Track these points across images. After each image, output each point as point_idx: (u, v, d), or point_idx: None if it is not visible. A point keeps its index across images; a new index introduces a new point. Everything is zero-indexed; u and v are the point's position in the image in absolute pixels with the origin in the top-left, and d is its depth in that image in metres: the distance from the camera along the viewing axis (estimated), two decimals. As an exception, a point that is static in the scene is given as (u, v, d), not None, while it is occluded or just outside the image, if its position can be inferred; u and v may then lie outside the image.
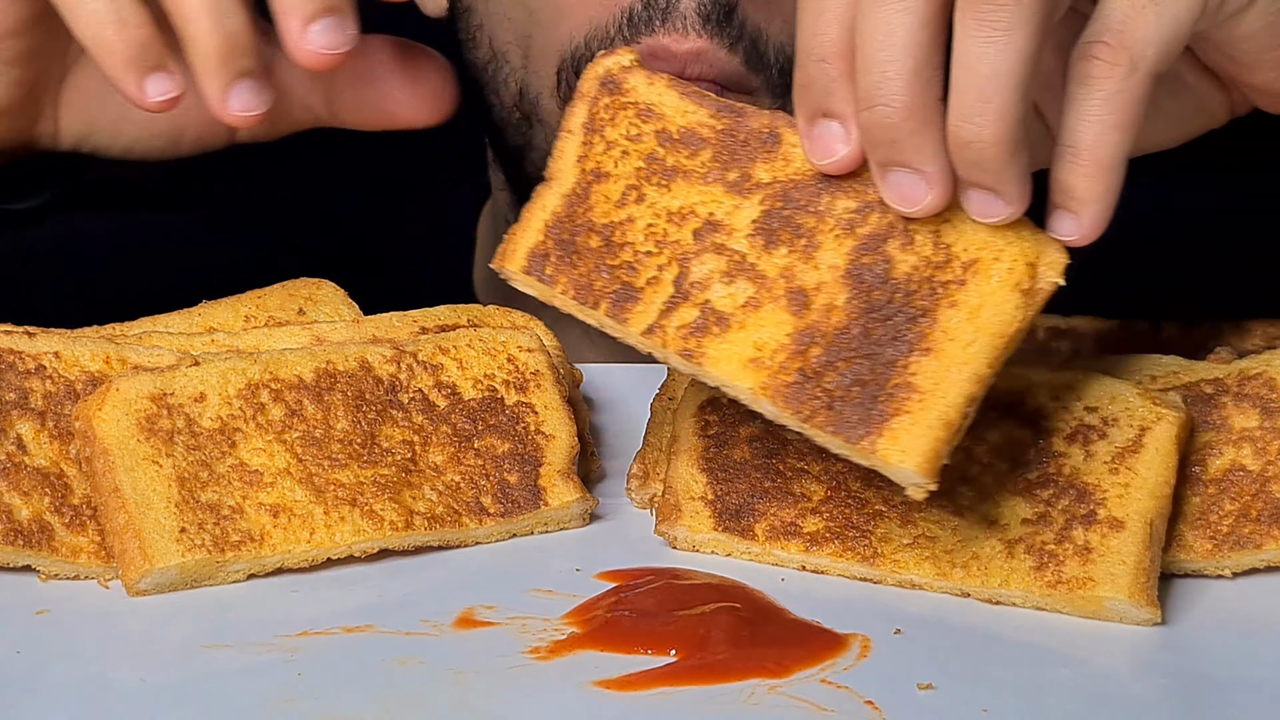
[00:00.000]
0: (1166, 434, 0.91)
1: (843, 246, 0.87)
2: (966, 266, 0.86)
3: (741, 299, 0.87)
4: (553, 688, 0.82)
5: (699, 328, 0.87)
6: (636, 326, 0.88)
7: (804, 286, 0.87)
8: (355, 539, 0.92)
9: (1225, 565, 0.92)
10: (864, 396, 0.84)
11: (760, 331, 0.87)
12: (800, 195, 0.88)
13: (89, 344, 0.96)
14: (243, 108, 0.93)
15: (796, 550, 0.93)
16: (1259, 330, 1.03)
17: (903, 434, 0.83)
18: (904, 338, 0.85)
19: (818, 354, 0.86)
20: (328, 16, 0.93)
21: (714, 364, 0.87)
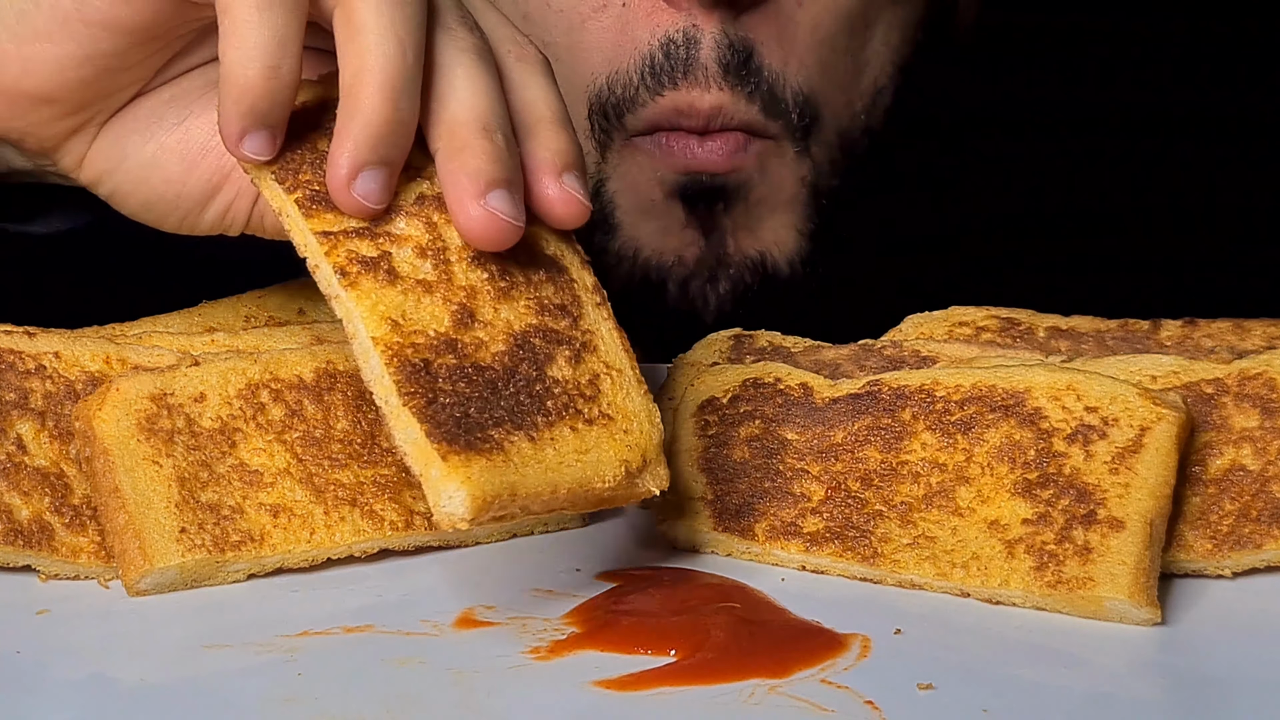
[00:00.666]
0: (1166, 434, 0.91)
1: (527, 316, 0.89)
2: (602, 415, 0.88)
3: (420, 274, 0.87)
4: (553, 688, 0.82)
5: (368, 263, 0.87)
6: (316, 225, 0.87)
7: (476, 313, 0.88)
8: (355, 539, 0.92)
9: (1225, 565, 0.92)
10: (463, 421, 0.84)
11: (417, 309, 0.87)
12: (525, 256, 0.90)
13: (89, 344, 0.96)
14: (365, 194, 0.87)
15: (796, 550, 0.93)
16: (1259, 330, 1.03)
17: (476, 468, 0.83)
18: (521, 414, 0.86)
19: (449, 363, 0.86)
20: (505, 189, 0.87)
21: (359, 297, 0.86)
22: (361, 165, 0.86)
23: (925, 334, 1.06)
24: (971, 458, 0.92)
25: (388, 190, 0.87)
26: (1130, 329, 1.04)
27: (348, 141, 0.85)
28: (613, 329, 0.91)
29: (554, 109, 0.89)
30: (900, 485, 0.93)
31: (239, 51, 0.84)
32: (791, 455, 0.95)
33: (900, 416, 0.94)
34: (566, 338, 0.89)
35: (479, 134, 0.86)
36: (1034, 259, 1.56)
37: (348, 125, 0.85)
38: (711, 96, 1.17)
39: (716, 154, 1.19)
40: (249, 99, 0.85)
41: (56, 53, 0.90)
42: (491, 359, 0.87)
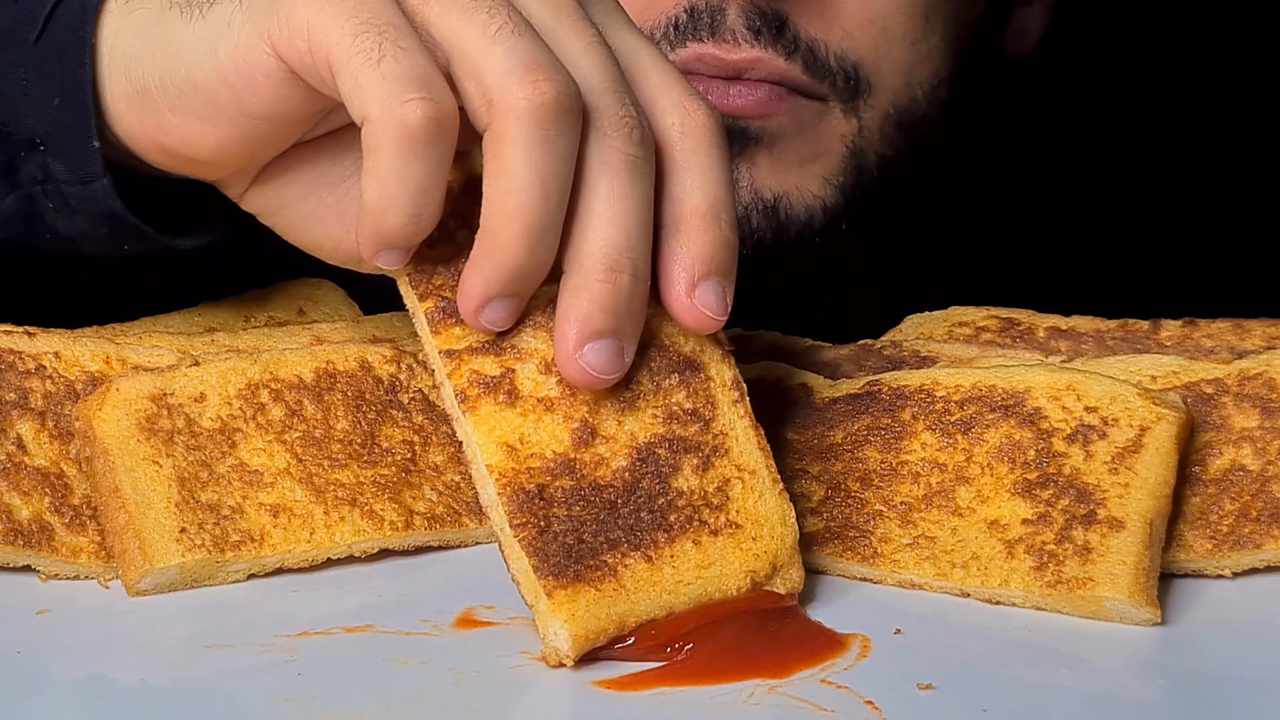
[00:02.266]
0: (1166, 434, 0.91)
1: (653, 427, 0.86)
2: (729, 524, 0.86)
3: (542, 393, 0.86)
4: (553, 688, 0.82)
5: (490, 384, 0.86)
6: (444, 344, 0.86)
7: (598, 428, 0.86)
8: (355, 539, 0.92)
9: (1225, 565, 0.92)
10: (574, 549, 0.83)
11: (536, 431, 0.85)
12: (656, 361, 0.88)
13: (89, 344, 0.96)
14: (491, 322, 0.86)
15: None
16: (1259, 330, 1.03)
17: (581, 602, 0.83)
18: (640, 533, 0.85)
19: (565, 486, 0.85)
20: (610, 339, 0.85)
21: (478, 422, 0.85)
22: (492, 298, 0.85)
23: (925, 334, 1.06)
24: (971, 458, 0.92)
25: (514, 316, 0.86)
26: (1130, 329, 1.04)
27: (479, 276, 0.84)
28: (749, 427, 0.88)
29: (709, 200, 0.86)
30: (900, 485, 0.93)
31: (381, 196, 0.83)
32: (791, 455, 0.95)
33: (900, 416, 0.94)
34: (695, 444, 0.87)
35: (602, 275, 0.84)
36: (1034, 259, 1.56)
37: (483, 260, 0.84)
38: (741, 52, 1.16)
39: (741, 98, 1.18)
40: (386, 237, 0.85)
41: (216, 134, 0.90)
42: (612, 476, 0.85)
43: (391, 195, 0.83)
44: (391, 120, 0.82)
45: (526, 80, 0.82)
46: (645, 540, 0.85)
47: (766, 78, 1.18)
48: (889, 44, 1.21)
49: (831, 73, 1.19)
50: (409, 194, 0.83)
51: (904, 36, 1.22)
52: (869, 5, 1.20)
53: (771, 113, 1.19)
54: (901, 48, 1.22)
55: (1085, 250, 1.63)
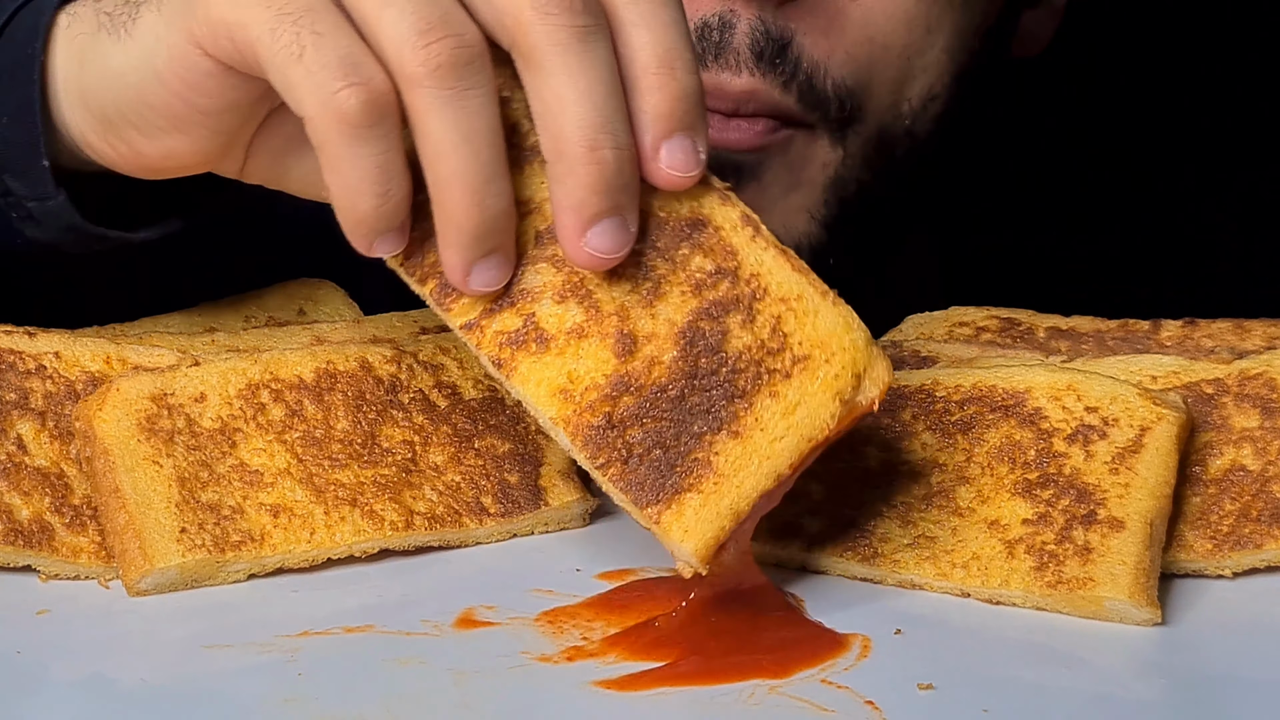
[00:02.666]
0: (1166, 434, 0.91)
1: (686, 304, 0.84)
2: (797, 360, 0.84)
3: (568, 323, 0.85)
4: (553, 688, 0.82)
5: (518, 339, 0.85)
6: (458, 318, 0.85)
7: (635, 332, 0.84)
8: (355, 539, 0.92)
9: (1225, 565, 0.92)
10: (662, 462, 0.83)
11: (578, 363, 0.84)
12: (660, 237, 0.85)
13: (89, 344, 0.96)
14: (484, 284, 0.85)
15: (796, 550, 0.93)
16: (1259, 330, 1.03)
17: (690, 513, 0.83)
18: (717, 414, 0.83)
19: (629, 404, 0.84)
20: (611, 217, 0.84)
21: (523, 381, 0.84)
22: (470, 264, 0.84)
23: (925, 334, 1.06)
24: (971, 458, 0.92)
25: (506, 270, 0.85)
26: (1130, 329, 1.04)
27: (449, 247, 0.84)
28: (776, 255, 0.85)
29: (659, 52, 0.84)
30: (900, 485, 0.93)
31: (344, 189, 0.84)
32: (791, 455, 0.95)
33: (900, 416, 0.94)
34: (733, 300, 0.84)
35: (585, 156, 0.83)
36: (1034, 259, 1.56)
37: (445, 231, 0.84)
38: (743, 80, 1.16)
39: (739, 133, 1.18)
40: (366, 226, 0.85)
41: (190, 140, 0.91)
42: (668, 372, 0.84)
43: (354, 184, 0.83)
44: (328, 114, 0.82)
45: (420, 46, 0.82)
46: (725, 418, 0.83)
47: (762, 111, 1.18)
48: (886, 61, 1.21)
49: (826, 101, 1.18)
50: (370, 178, 0.83)
51: (902, 51, 1.21)
52: (872, 22, 1.19)
53: (765, 145, 1.19)
54: (897, 63, 1.21)
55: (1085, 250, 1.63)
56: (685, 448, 0.83)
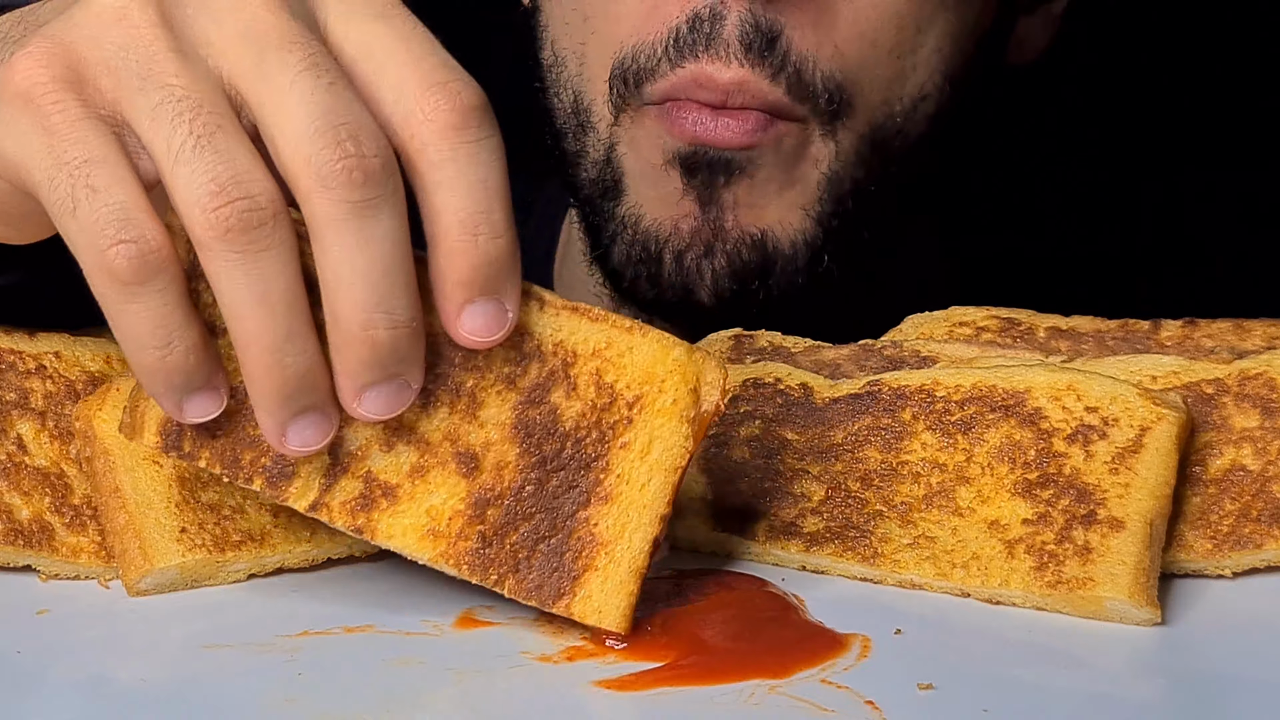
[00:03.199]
0: (1166, 434, 0.91)
1: (507, 402, 0.84)
2: (631, 404, 0.84)
3: (406, 467, 0.84)
4: (553, 688, 0.82)
5: (366, 501, 0.84)
6: (300, 502, 0.84)
7: (472, 447, 0.84)
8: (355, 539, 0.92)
9: (1225, 565, 0.92)
10: (549, 554, 0.83)
11: (432, 498, 0.84)
12: (457, 353, 0.84)
13: (89, 344, 0.96)
14: (302, 444, 0.83)
15: (796, 550, 0.93)
16: (1259, 330, 1.03)
17: (596, 592, 0.83)
18: (580, 487, 0.83)
19: (495, 515, 0.84)
20: (385, 384, 0.82)
21: (389, 538, 0.84)
22: (284, 426, 0.82)
23: (925, 334, 1.06)
24: (971, 458, 0.92)
25: (323, 427, 0.83)
26: (1130, 329, 1.04)
27: (261, 413, 0.82)
28: (569, 315, 0.84)
29: (460, 216, 0.81)
30: (900, 485, 0.93)
31: (127, 344, 0.82)
32: (791, 455, 0.95)
33: (900, 416, 0.94)
34: (548, 377, 0.84)
35: (356, 336, 0.80)
36: (1034, 259, 1.56)
37: (254, 397, 0.82)
38: (731, 72, 1.16)
39: (729, 130, 1.18)
40: (159, 380, 0.82)
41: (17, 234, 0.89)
42: (519, 473, 0.84)
43: (134, 338, 0.81)
44: (100, 272, 0.80)
45: (210, 209, 0.79)
46: (589, 488, 0.83)
47: (751, 104, 1.18)
48: (876, 59, 1.21)
49: (815, 94, 1.18)
50: (148, 332, 0.81)
51: (891, 50, 1.21)
52: (862, 19, 1.19)
53: (756, 143, 1.19)
54: (887, 62, 1.21)
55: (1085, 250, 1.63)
56: (565, 531, 0.84)
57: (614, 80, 1.21)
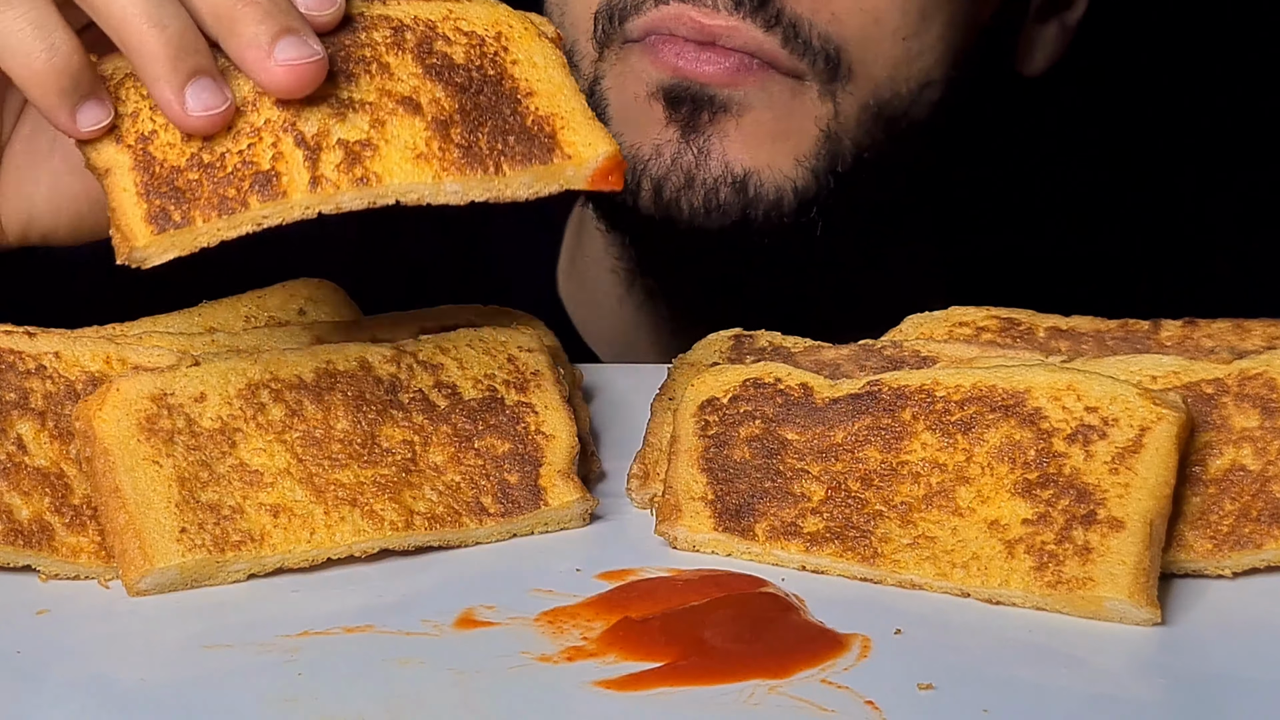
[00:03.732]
0: (1166, 434, 0.91)
1: (407, 59, 0.93)
2: (497, 39, 0.95)
3: (365, 123, 0.91)
4: (553, 688, 0.82)
5: (352, 158, 0.90)
6: (297, 193, 0.89)
7: (404, 94, 0.92)
8: (355, 539, 0.92)
9: (1225, 565, 0.92)
10: (520, 134, 0.92)
11: (401, 136, 0.91)
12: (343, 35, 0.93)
13: (89, 344, 0.96)
14: (203, 108, 0.88)
15: (796, 550, 0.93)
16: (1259, 330, 1.03)
17: (575, 138, 0.93)
18: (503, 93, 0.94)
19: (458, 129, 0.92)
20: (288, 36, 0.89)
21: (389, 176, 0.90)
22: (181, 90, 0.88)
23: (925, 334, 1.06)
24: (971, 458, 0.92)
25: (218, 90, 0.89)
26: (1130, 329, 1.04)
27: (156, 84, 0.88)
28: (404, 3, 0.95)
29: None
30: (900, 485, 0.93)
31: (13, 56, 0.88)
32: (792, 455, 0.95)
33: (900, 416, 0.94)
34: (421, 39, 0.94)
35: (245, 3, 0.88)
36: (1034, 259, 1.56)
37: (144, 70, 0.88)
38: (720, 18, 1.17)
39: (711, 65, 1.19)
40: (48, 86, 0.88)
41: None
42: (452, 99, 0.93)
43: (21, 49, 0.88)
44: None
45: None
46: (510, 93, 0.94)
47: (740, 47, 1.18)
48: (879, 36, 1.22)
49: (812, 50, 1.19)
50: (31, 35, 0.88)
51: (896, 31, 1.22)
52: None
53: (739, 83, 1.19)
54: (892, 41, 1.22)
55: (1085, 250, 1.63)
56: (519, 118, 0.93)
57: (599, 17, 1.22)
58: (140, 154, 0.89)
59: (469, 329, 1.01)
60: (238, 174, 0.89)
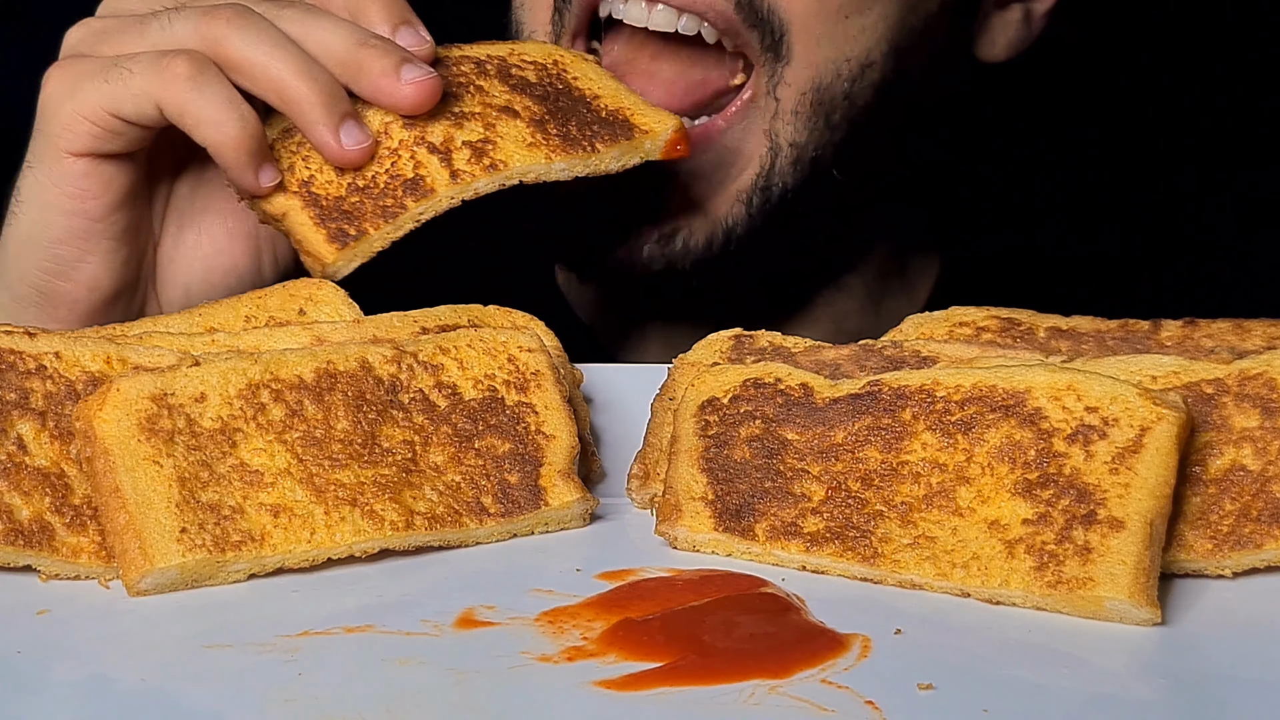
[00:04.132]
0: (1166, 434, 0.91)
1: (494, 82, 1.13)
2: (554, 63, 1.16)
3: (480, 126, 1.11)
4: (553, 688, 0.82)
5: (478, 152, 1.10)
6: (443, 187, 1.08)
7: (503, 104, 1.12)
8: (356, 539, 0.92)
9: (1225, 565, 0.92)
10: (603, 123, 1.13)
11: (511, 133, 1.11)
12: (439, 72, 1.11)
13: (89, 344, 0.96)
14: (355, 143, 1.07)
15: (796, 550, 0.93)
16: (1259, 330, 1.03)
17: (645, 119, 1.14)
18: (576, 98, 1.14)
19: (553, 125, 1.12)
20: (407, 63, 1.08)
21: (512, 160, 1.09)
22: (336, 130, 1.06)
23: (925, 334, 1.06)
24: (972, 458, 0.92)
25: (364, 130, 1.08)
26: (1130, 329, 1.04)
27: (314, 128, 1.06)
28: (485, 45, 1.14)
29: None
30: (900, 485, 0.93)
31: (210, 127, 1.04)
32: (792, 455, 0.95)
33: (900, 416, 0.94)
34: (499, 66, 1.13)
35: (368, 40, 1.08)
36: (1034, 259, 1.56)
37: (302, 117, 1.06)
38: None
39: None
40: (241, 150, 1.04)
41: (99, 259, 1.08)
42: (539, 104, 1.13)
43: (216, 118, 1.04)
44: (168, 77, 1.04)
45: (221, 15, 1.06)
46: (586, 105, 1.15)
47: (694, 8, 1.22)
48: (823, 16, 1.24)
49: (762, 21, 1.21)
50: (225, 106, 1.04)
51: (839, 9, 1.24)
52: None
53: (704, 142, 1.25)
54: (834, 21, 1.24)
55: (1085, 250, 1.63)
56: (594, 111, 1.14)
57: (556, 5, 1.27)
58: (306, 195, 1.07)
59: (469, 329, 1.01)
60: (390, 186, 1.08)
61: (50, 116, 1.07)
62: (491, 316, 1.05)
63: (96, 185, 1.07)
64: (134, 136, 1.06)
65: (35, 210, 1.08)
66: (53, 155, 1.07)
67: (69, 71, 1.07)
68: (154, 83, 1.04)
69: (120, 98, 1.05)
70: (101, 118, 1.05)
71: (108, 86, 1.05)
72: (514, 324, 1.05)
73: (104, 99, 1.05)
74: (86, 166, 1.07)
